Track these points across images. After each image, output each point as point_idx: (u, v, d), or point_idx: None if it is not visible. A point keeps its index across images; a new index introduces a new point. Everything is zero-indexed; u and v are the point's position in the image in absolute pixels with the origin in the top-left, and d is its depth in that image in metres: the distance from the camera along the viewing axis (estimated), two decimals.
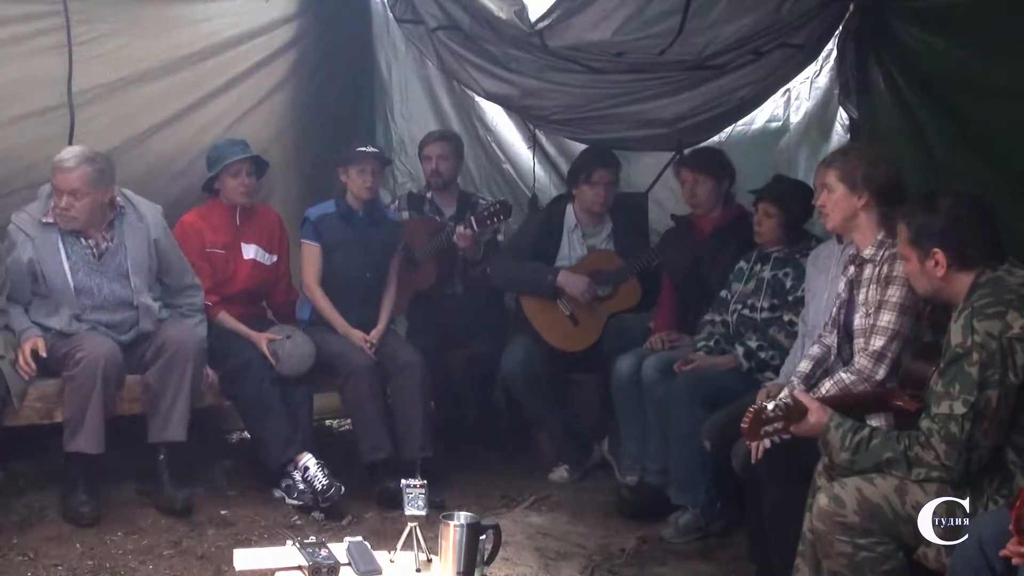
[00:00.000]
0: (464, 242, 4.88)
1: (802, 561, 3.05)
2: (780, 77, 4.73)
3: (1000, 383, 2.65)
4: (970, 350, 2.67)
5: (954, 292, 2.86)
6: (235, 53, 4.99)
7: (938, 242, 2.86)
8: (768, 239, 4.21)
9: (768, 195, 4.19)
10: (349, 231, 4.72)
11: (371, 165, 4.66)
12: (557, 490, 4.70)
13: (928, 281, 2.93)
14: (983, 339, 2.66)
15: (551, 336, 4.84)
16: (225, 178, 4.57)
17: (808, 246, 4.18)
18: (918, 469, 2.73)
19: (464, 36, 4.74)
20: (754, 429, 2.88)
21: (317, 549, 3.05)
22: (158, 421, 4.13)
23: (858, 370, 3.28)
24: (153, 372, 4.14)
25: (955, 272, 2.85)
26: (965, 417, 2.66)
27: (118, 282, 4.21)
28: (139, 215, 4.29)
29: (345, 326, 4.65)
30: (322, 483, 4.19)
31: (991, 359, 2.65)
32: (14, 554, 3.72)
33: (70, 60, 4.43)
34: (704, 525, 4.14)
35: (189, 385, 4.15)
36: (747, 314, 4.24)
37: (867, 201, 3.32)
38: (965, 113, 3.97)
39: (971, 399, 2.66)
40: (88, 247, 4.18)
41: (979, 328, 2.68)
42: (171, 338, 4.18)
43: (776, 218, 4.16)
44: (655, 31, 4.41)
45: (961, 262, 2.85)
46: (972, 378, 2.66)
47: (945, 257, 2.85)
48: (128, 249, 4.23)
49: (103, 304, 4.19)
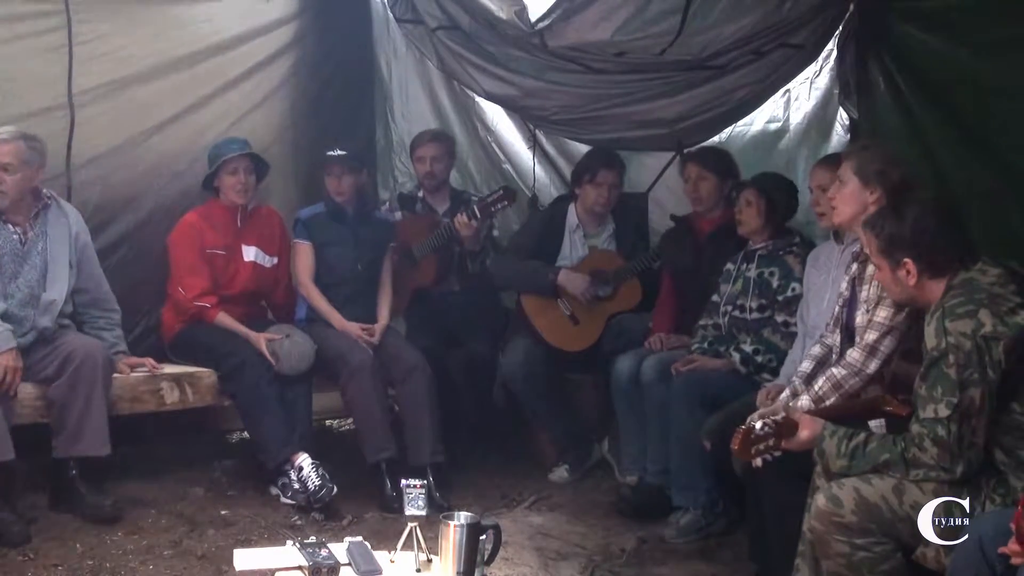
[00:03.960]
0: (466, 231, 4.86)
1: (802, 561, 3.05)
2: (780, 77, 4.73)
3: (981, 381, 2.65)
4: (946, 352, 2.67)
5: (928, 299, 2.86)
6: (235, 53, 5.00)
7: (907, 252, 2.86)
8: (749, 228, 4.22)
9: (750, 184, 4.23)
10: (339, 228, 4.75)
11: (336, 168, 4.68)
12: (557, 490, 4.70)
13: (901, 290, 2.93)
14: (957, 339, 2.66)
15: (551, 336, 4.84)
16: (223, 176, 4.57)
17: (792, 242, 4.21)
18: (916, 470, 2.73)
19: (464, 36, 4.75)
20: (744, 449, 2.89)
21: (317, 549, 3.05)
22: (66, 436, 3.97)
23: (849, 363, 3.28)
24: (59, 386, 3.96)
25: (927, 279, 2.85)
26: (951, 419, 2.65)
27: (34, 273, 4.10)
28: (63, 211, 4.22)
29: (341, 321, 4.65)
30: (315, 483, 4.18)
31: (968, 359, 2.65)
32: (14, 554, 3.71)
33: (70, 60, 4.44)
34: (705, 526, 4.13)
35: (103, 396, 4.00)
36: (737, 315, 4.25)
37: (878, 198, 3.31)
38: (965, 113, 3.97)
39: (954, 400, 2.65)
40: (15, 233, 4.09)
41: (951, 329, 2.67)
42: (76, 349, 4.01)
43: (756, 206, 4.18)
44: (655, 31, 4.41)
45: (932, 269, 2.84)
46: (952, 379, 2.66)
47: (915, 266, 2.85)
48: (50, 239, 4.14)
49: (16, 295, 4.05)
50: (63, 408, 3.98)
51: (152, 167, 4.83)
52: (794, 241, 4.22)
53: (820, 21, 4.45)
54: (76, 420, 3.97)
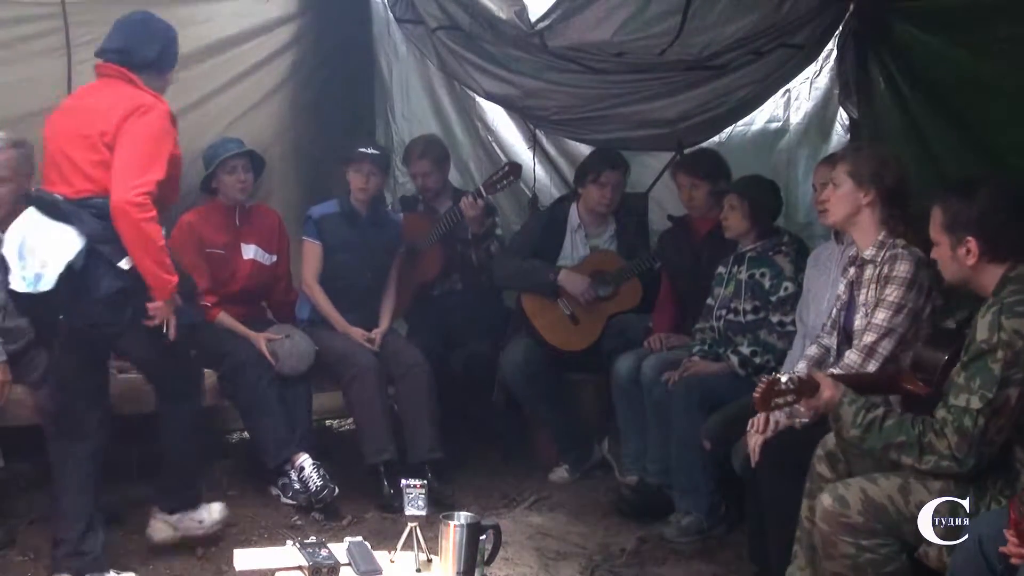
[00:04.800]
0: (472, 211, 4.85)
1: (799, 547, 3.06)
2: (780, 77, 4.74)
3: (1022, 382, 2.64)
4: (995, 347, 2.65)
5: (982, 283, 2.82)
6: (235, 53, 4.99)
7: (973, 230, 2.80)
8: (736, 231, 4.24)
9: (731, 189, 4.27)
10: (352, 232, 4.72)
11: (367, 166, 4.65)
12: (557, 490, 4.70)
13: (958, 268, 2.87)
14: (1010, 337, 2.64)
15: (551, 336, 4.84)
16: (222, 176, 4.56)
17: (780, 241, 4.22)
18: (929, 456, 2.71)
19: (464, 36, 4.75)
20: (766, 399, 2.86)
21: (317, 549, 3.05)
22: None
23: (848, 365, 3.28)
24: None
25: (986, 263, 2.80)
26: (980, 412, 2.64)
27: None
28: None
29: (344, 324, 4.65)
30: (316, 484, 4.19)
31: (1016, 357, 2.63)
32: (14, 554, 3.72)
33: (69, 62, 4.43)
34: (707, 528, 4.13)
35: None
36: (732, 318, 4.25)
37: (872, 199, 3.31)
38: (965, 113, 3.97)
39: (989, 395, 2.64)
40: None
41: (1007, 326, 2.65)
42: None
43: (740, 209, 4.20)
44: (655, 31, 4.41)
45: (993, 253, 2.79)
46: (994, 375, 2.64)
47: (978, 246, 2.79)
48: None
49: (6, 306, 3.86)
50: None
51: None
52: (783, 241, 4.23)
53: (820, 21, 4.46)
54: None
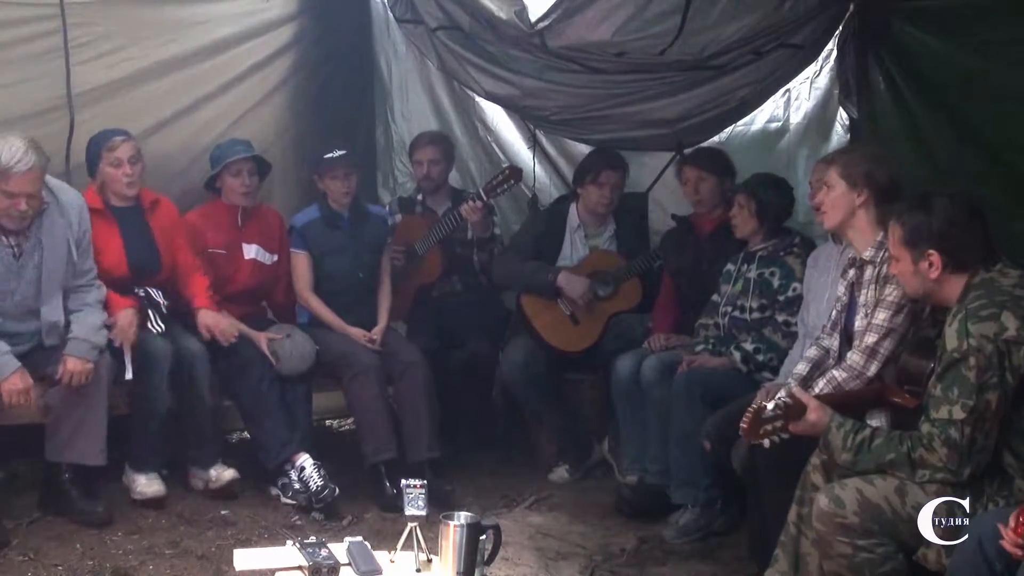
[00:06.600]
0: (474, 215, 4.85)
1: (781, 552, 3.06)
2: (780, 77, 4.73)
3: (999, 385, 2.65)
4: (967, 354, 2.66)
5: (947, 294, 2.86)
6: (235, 53, 4.99)
7: (934, 244, 2.84)
8: (745, 231, 4.25)
9: (740, 188, 4.27)
10: (336, 235, 4.72)
11: (342, 170, 4.65)
12: (557, 490, 4.70)
13: (921, 282, 2.91)
14: (979, 342, 2.65)
15: (551, 336, 4.84)
16: (226, 177, 4.57)
17: (792, 242, 4.22)
18: (922, 471, 2.72)
19: (464, 36, 4.75)
20: (753, 429, 2.89)
21: (317, 549, 3.05)
22: (59, 441, 3.91)
23: (850, 366, 3.28)
24: (58, 392, 3.86)
25: (949, 274, 2.84)
26: (965, 422, 2.65)
27: (30, 288, 3.88)
28: (61, 209, 3.94)
29: (343, 326, 4.65)
30: (317, 484, 4.19)
31: (988, 362, 2.64)
32: (14, 554, 3.72)
33: (67, 62, 4.42)
34: (705, 525, 4.13)
35: (101, 406, 3.91)
36: (737, 316, 4.26)
37: (866, 199, 3.31)
38: (965, 113, 3.98)
39: (970, 403, 2.65)
40: (9, 246, 3.84)
41: (974, 331, 2.67)
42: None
43: (748, 208, 4.20)
44: (655, 31, 4.41)
45: (955, 264, 2.83)
46: (970, 382, 2.65)
47: (940, 259, 2.83)
48: (45, 250, 3.88)
49: (11, 311, 3.86)
50: (59, 418, 3.93)
51: (152, 167, 4.79)
52: (794, 241, 4.23)
53: (820, 21, 4.45)
54: (72, 428, 3.93)
